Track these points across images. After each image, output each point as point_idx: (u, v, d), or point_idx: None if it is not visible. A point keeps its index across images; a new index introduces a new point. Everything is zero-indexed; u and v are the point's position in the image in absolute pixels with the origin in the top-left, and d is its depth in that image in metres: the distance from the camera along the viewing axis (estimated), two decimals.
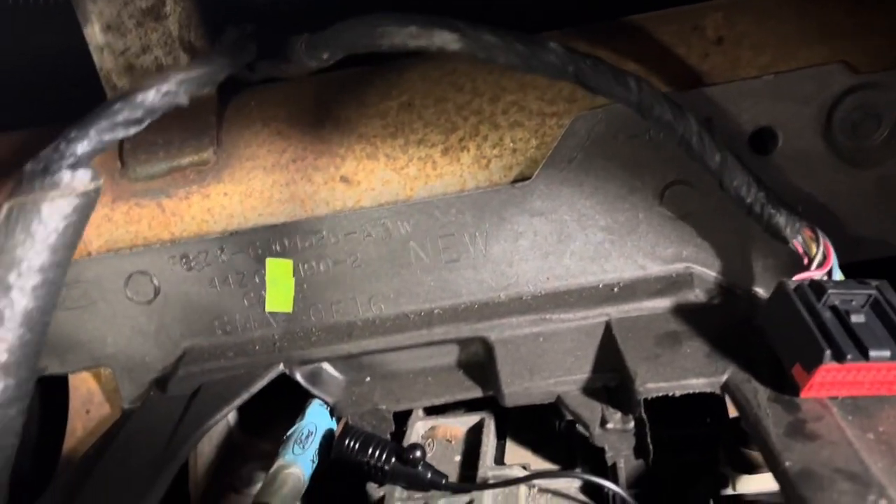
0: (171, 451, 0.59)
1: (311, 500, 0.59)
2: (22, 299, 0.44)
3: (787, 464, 0.44)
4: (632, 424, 0.56)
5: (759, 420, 0.48)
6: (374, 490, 0.60)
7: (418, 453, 0.58)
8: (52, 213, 0.46)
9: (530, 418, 0.65)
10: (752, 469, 0.58)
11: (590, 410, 0.57)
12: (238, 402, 0.63)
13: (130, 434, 0.63)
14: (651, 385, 0.53)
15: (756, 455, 0.57)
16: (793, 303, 0.50)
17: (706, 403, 0.58)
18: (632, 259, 0.64)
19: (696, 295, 0.61)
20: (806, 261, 0.54)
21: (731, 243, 0.62)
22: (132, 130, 0.50)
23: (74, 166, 0.47)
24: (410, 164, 0.65)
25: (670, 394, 0.54)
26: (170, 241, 0.67)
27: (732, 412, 0.58)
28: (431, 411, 0.68)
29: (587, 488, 0.58)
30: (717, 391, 0.53)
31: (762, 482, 0.59)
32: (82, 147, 0.48)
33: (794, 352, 0.49)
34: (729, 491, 0.60)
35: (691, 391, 0.53)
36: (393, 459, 0.58)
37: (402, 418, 0.66)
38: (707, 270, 0.63)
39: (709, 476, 0.60)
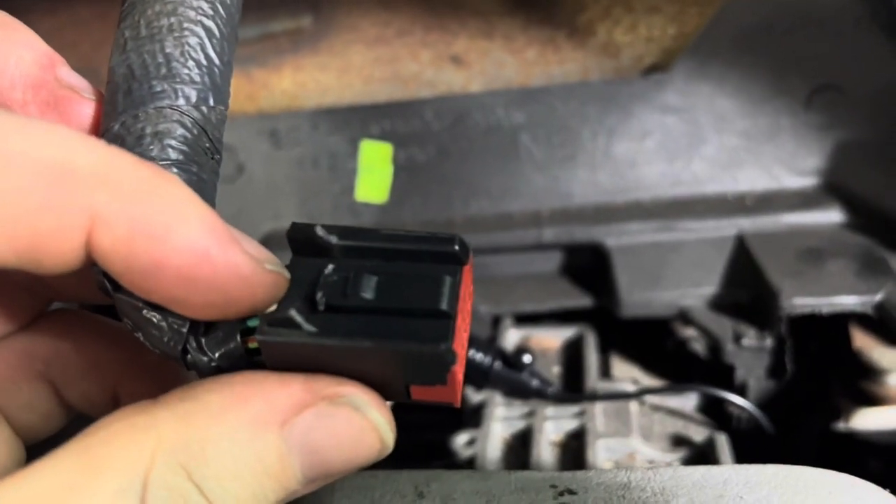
0: None
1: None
2: None
3: None
4: (769, 342, 0.51)
5: None
6: (473, 393, 0.56)
7: (527, 357, 0.54)
8: None
9: (629, 337, 0.61)
10: (870, 402, 0.55)
11: (719, 326, 0.53)
12: None
13: None
14: (798, 301, 0.49)
15: (876, 388, 0.53)
16: None
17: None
18: (767, 169, 0.58)
19: (838, 212, 0.56)
20: None
21: (879, 159, 0.57)
22: None
23: None
24: (529, 46, 0.58)
25: (817, 312, 0.49)
26: (257, 114, 0.61)
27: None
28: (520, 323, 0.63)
29: (704, 407, 0.54)
30: (870, 311, 0.49)
31: (879, 417, 0.55)
32: None
33: None
34: (841, 425, 0.56)
35: (842, 310, 0.49)
36: (497, 362, 0.53)
37: None
38: (850, 186, 0.57)
39: (821, 408, 0.56)
